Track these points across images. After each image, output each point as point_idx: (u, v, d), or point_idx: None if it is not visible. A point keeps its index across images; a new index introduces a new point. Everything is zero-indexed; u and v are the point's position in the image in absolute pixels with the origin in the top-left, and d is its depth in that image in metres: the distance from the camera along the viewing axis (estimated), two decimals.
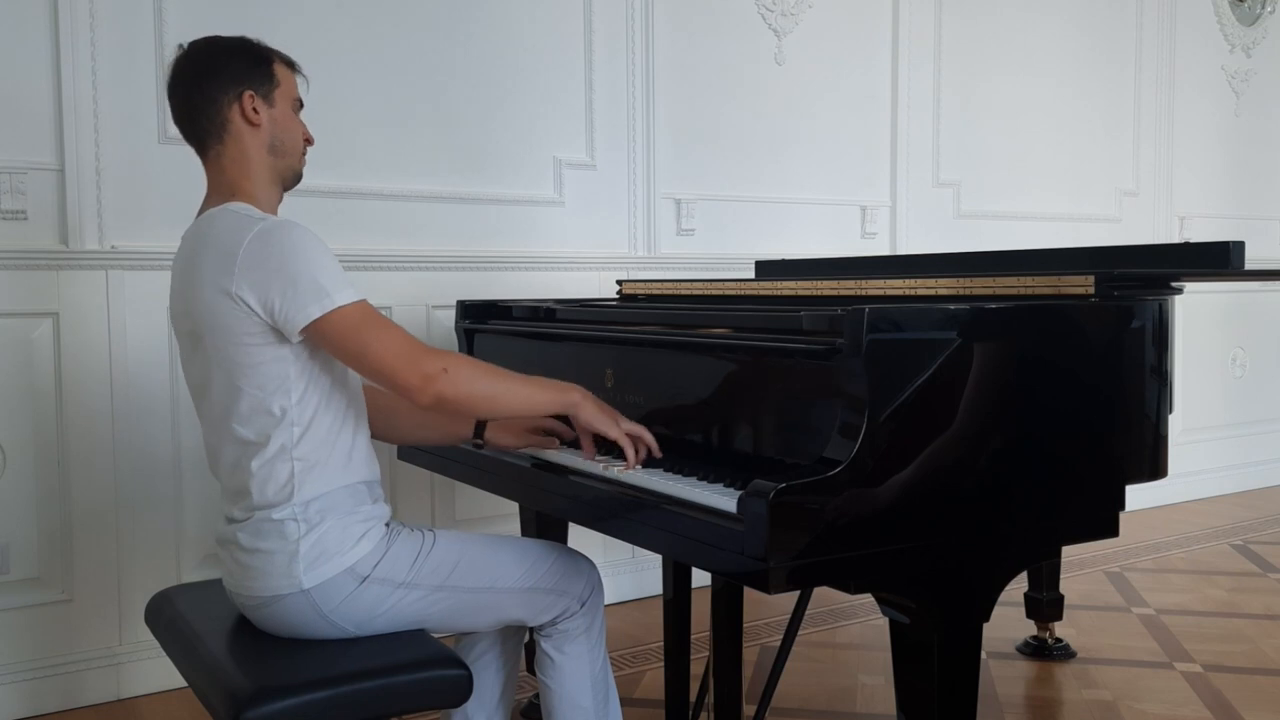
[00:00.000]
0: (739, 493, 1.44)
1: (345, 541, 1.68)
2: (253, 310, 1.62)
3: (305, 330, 1.62)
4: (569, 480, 1.82)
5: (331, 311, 1.61)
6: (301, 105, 1.86)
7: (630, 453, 1.75)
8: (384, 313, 3.13)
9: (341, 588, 1.67)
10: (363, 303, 1.65)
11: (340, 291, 1.63)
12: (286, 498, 1.67)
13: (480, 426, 2.04)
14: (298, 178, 1.86)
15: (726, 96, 3.84)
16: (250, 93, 1.75)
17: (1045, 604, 3.06)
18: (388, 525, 1.76)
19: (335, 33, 3.04)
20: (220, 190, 1.78)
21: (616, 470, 1.75)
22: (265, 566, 1.66)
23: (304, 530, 1.66)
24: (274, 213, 1.80)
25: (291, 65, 1.85)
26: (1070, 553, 3.81)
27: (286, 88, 1.82)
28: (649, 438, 1.79)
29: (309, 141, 1.87)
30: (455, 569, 1.76)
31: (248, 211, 1.70)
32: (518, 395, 1.75)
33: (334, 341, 1.64)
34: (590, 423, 1.78)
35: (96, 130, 2.75)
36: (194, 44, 1.80)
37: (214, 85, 1.75)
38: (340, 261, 1.69)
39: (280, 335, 1.64)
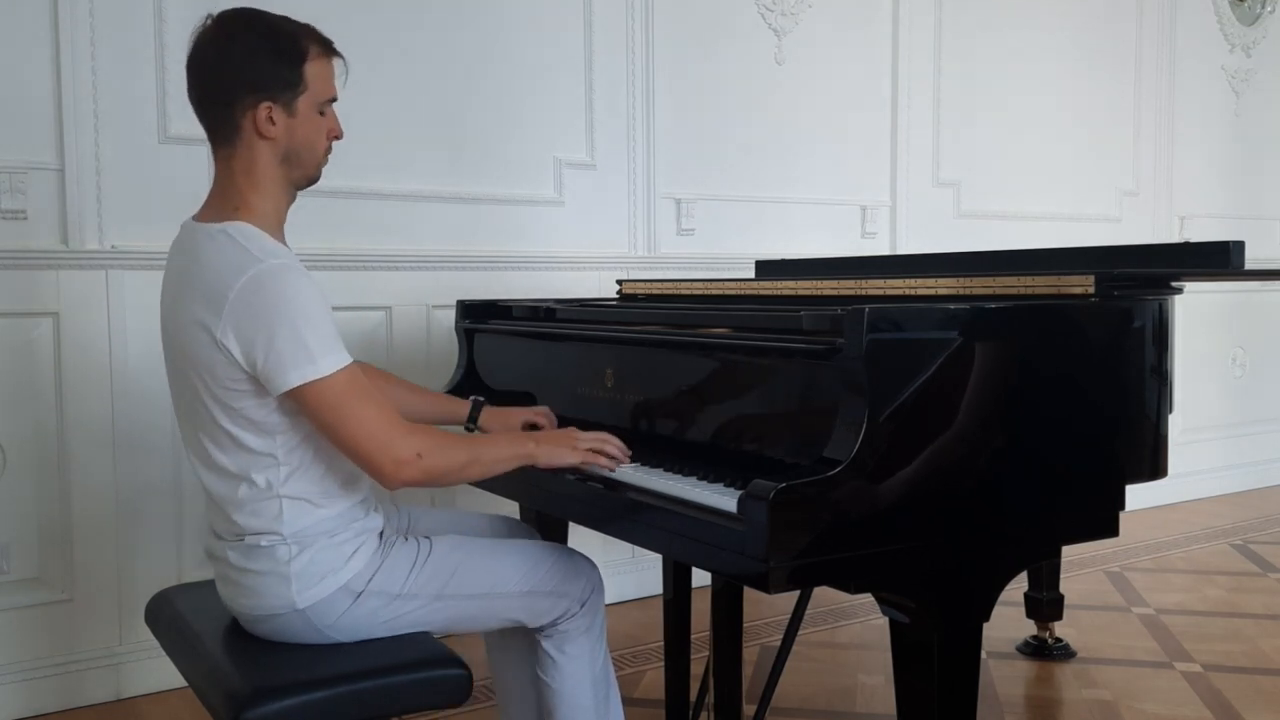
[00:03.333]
0: (739, 493, 1.44)
1: (337, 559, 1.65)
2: (236, 360, 1.55)
3: (285, 394, 1.56)
4: (569, 480, 1.82)
5: (313, 381, 1.54)
6: (334, 99, 1.72)
7: (602, 462, 1.74)
8: (384, 313, 3.17)
9: (337, 605, 1.65)
10: (346, 372, 1.57)
11: (325, 358, 1.54)
12: (274, 529, 1.64)
13: (475, 411, 2.04)
14: (312, 182, 1.74)
15: (726, 96, 3.84)
16: (268, 104, 1.62)
17: (1045, 604, 3.06)
18: (380, 536, 1.74)
19: (335, 33, 3.03)
20: (224, 197, 1.66)
21: (605, 470, 1.75)
22: (258, 586, 1.65)
23: (295, 553, 1.63)
24: (281, 223, 1.71)
25: (330, 52, 1.70)
26: (1070, 553, 3.80)
27: (316, 90, 1.67)
28: (613, 440, 1.77)
29: (336, 136, 1.72)
30: (453, 576, 1.74)
31: (246, 241, 1.58)
32: (482, 464, 1.71)
33: (310, 411, 1.57)
34: (549, 465, 1.75)
35: (96, 130, 2.75)
36: (222, 20, 1.64)
37: (232, 84, 1.61)
38: (340, 262, 1.67)
39: (263, 387, 1.57)
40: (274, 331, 1.52)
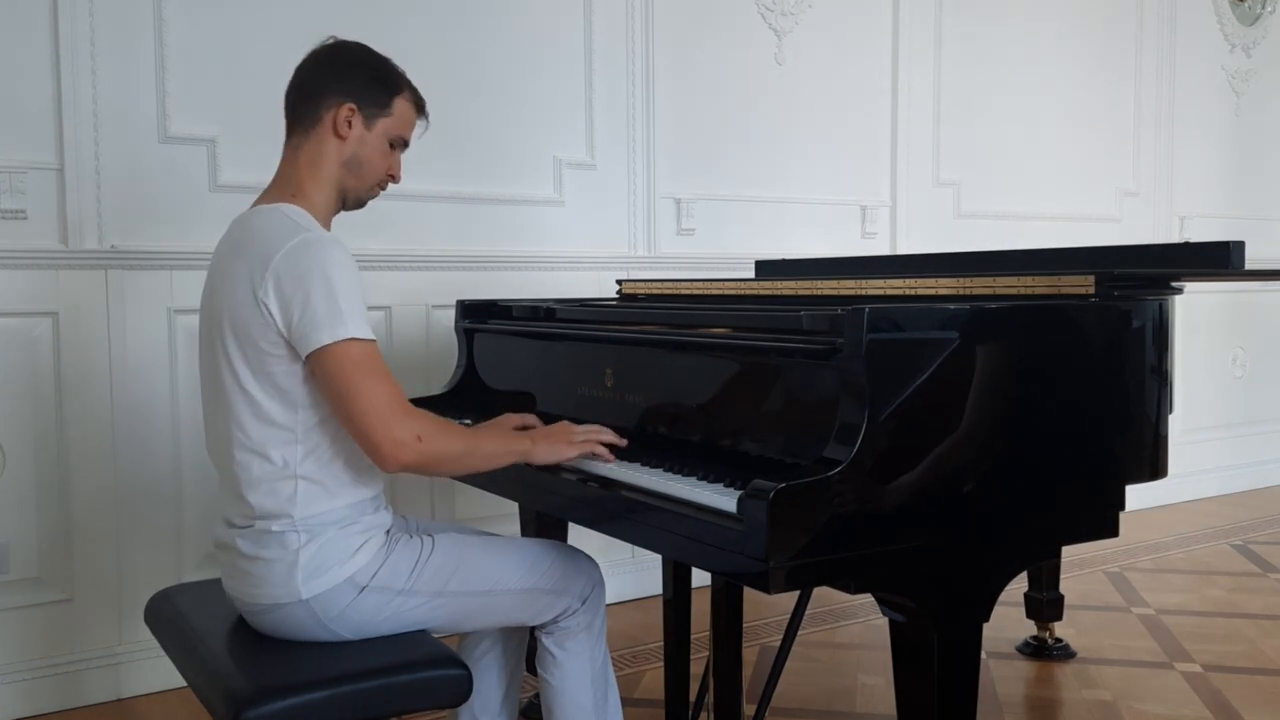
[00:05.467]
0: (739, 493, 1.44)
1: (344, 552, 1.67)
2: (274, 320, 1.61)
3: (311, 355, 1.61)
4: (569, 480, 1.82)
5: (339, 342, 1.59)
6: (405, 145, 1.86)
7: (600, 452, 1.78)
8: (384, 313, 3.17)
9: (341, 597, 1.67)
10: (369, 344, 1.63)
11: (355, 324, 1.61)
12: (287, 513, 1.66)
13: None
14: (360, 204, 1.86)
15: (726, 96, 3.84)
16: (352, 106, 1.77)
17: (1045, 604, 3.06)
18: (387, 533, 1.75)
19: (333, 33, 3.04)
20: (284, 183, 1.78)
21: (601, 467, 1.76)
22: (265, 574, 1.66)
23: (304, 541, 1.65)
24: (327, 222, 1.79)
25: (419, 107, 1.87)
26: (1070, 553, 3.80)
27: (396, 123, 1.82)
28: (607, 434, 1.81)
29: (393, 178, 1.86)
30: (454, 574, 1.75)
31: (297, 217, 1.69)
32: (479, 455, 1.73)
33: (327, 374, 1.61)
34: (546, 462, 1.79)
35: (96, 130, 2.75)
36: (341, 41, 1.85)
37: (328, 82, 1.78)
38: None
39: (295, 352, 1.63)
40: (311, 291, 1.59)
